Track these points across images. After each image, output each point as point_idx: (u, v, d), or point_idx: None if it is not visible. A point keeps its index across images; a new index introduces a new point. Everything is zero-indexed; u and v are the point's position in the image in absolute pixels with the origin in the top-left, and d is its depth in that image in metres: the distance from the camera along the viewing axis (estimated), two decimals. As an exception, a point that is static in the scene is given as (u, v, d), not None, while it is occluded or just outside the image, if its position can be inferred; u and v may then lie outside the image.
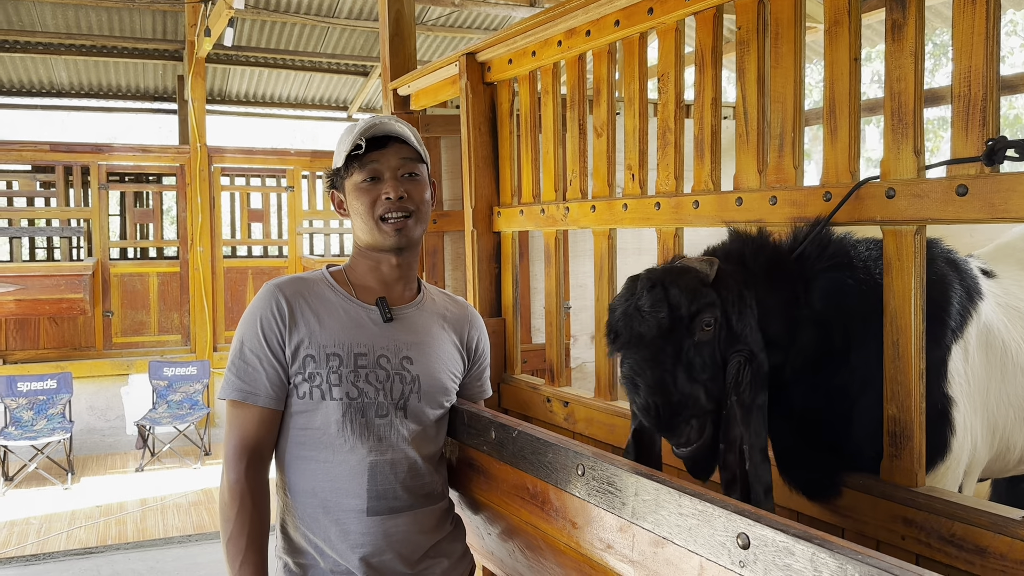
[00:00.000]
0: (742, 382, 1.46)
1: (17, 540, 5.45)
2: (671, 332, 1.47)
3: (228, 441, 1.64)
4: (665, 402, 1.46)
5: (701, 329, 1.47)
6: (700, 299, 1.47)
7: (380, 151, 1.68)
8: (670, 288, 1.48)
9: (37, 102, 9.68)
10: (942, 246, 1.80)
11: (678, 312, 1.46)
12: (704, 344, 1.47)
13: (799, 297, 1.59)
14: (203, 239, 8.37)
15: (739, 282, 1.54)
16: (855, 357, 1.64)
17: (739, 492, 1.46)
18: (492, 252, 2.87)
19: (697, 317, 1.46)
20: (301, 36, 8.94)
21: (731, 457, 1.47)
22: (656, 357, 1.46)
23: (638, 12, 2.16)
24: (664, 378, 1.45)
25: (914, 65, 1.52)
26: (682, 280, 1.50)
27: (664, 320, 1.46)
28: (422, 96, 3.29)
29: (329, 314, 1.68)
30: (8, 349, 7.76)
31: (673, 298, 1.47)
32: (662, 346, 1.46)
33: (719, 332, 1.49)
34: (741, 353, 1.47)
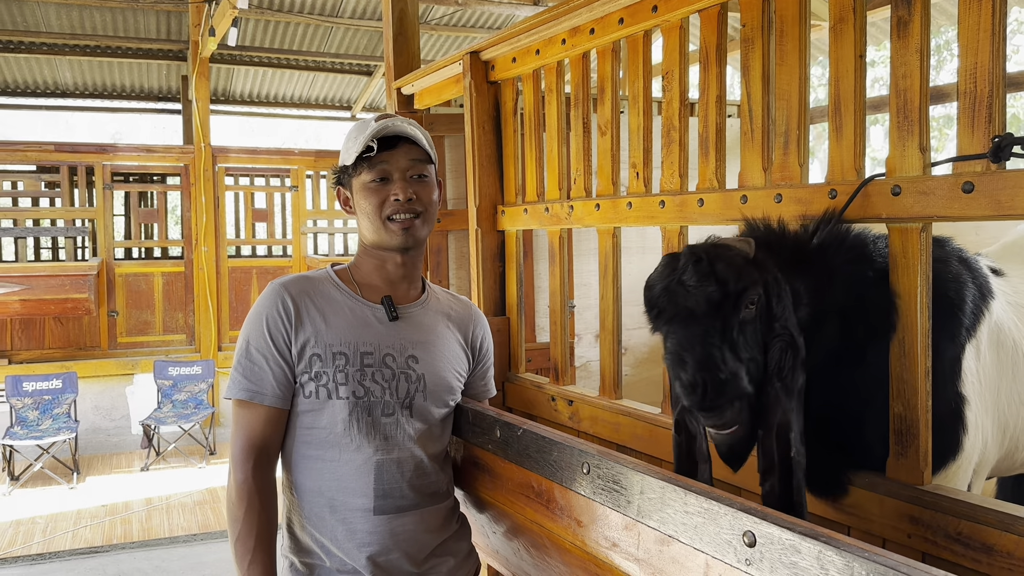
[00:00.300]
0: (785, 366, 1.42)
1: (23, 539, 5.47)
2: (719, 307, 1.41)
3: (235, 441, 1.64)
4: (713, 379, 1.40)
5: (746, 307, 1.42)
6: (746, 276, 1.43)
7: (390, 151, 1.68)
8: (716, 263, 1.43)
9: (41, 102, 9.72)
10: (954, 245, 1.79)
11: (726, 287, 1.41)
12: (747, 323, 1.43)
13: (822, 288, 1.56)
14: (207, 239, 8.39)
15: (774, 265, 1.50)
16: (872, 353, 1.61)
17: (778, 478, 1.42)
18: (496, 251, 2.87)
19: (744, 294, 1.41)
20: (305, 36, 8.95)
21: (769, 442, 1.43)
22: (706, 332, 1.41)
23: (642, 10, 2.15)
24: (713, 354, 1.40)
25: (920, 62, 1.52)
26: (727, 255, 1.46)
27: (714, 294, 1.41)
28: (426, 95, 3.29)
29: (335, 313, 1.68)
30: (13, 349, 7.78)
31: (720, 273, 1.42)
32: (711, 321, 1.41)
33: (760, 313, 1.44)
34: (783, 337, 1.43)
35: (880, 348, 1.59)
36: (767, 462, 1.45)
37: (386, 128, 1.67)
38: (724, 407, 1.42)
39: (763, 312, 1.45)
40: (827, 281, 1.57)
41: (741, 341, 1.42)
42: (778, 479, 1.43)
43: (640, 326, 3.98)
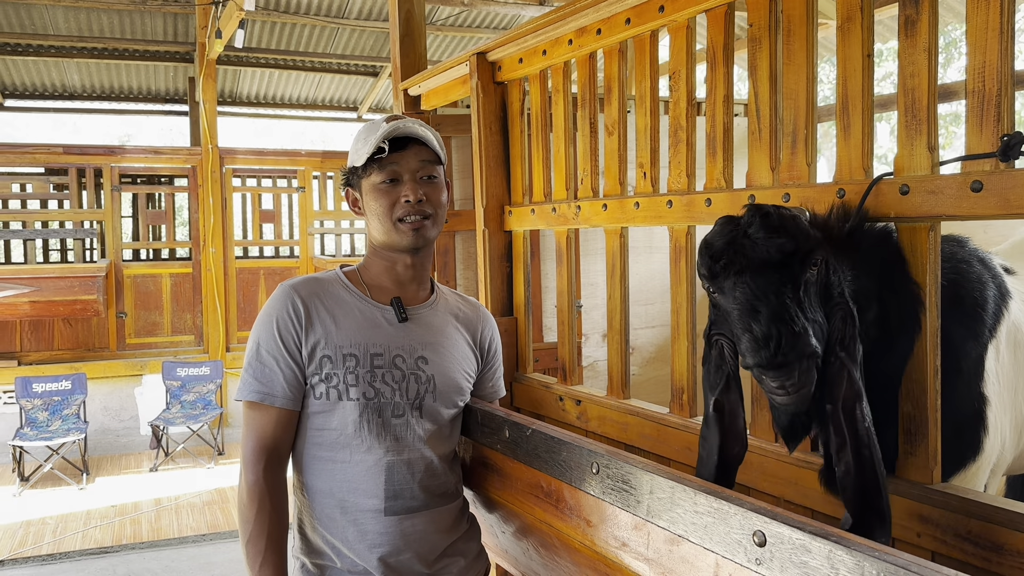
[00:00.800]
0: (847, 336, 1.39)
1: (33, 540, 5.49)
2: (790, 261, 1.38)
3: (246, 442, 1.65)
4: (788, 331, 1.34)
5: (811, 266, 1.39)
6: (811, 236, 1.40)
7: (400, 153, 1.69)
8: (786, 220, 1.41)
9: (49, 104, 9.76)
10: (972, 245, 1.79)
11: (796, 241, 1.38)
12: (811, 285, 1.39)
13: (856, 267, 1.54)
14: (215, 240, 8.41)
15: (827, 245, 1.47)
16: (900, 344, 1.58)
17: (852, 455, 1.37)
18: (503, 251, 2.88)
19: (811, 253, 1.39)
20: (311, 37, 8.97)
21: (839, 417, 1.38)
22: (780, 283, 1.36)
23: (649, 10, 2.15)
24: (788, 305, 1.35)
25: (928, 61, 1.52)
26: (791, 213, 1.43)
27: (786, 245, 1.37)
28: (433, 96, 3.29)
29: (345, 314, 1.68)
30: (23, 350, 7.82)
31: (791, 229, 1.39)
32: (784, 273, 1.37)
33: (821, 277, 1.41)
34: (842, 306, 1.40)
35: (904, 344, 1.57)
36: (839, 439, 1.38)
37: (397, 129, 1.68)
38: (794, 364, 1.35)
39: (823, 278, 1.41)
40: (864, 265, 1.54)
41: (807, 302, 1.38)
42: (852, 456, 1.37)
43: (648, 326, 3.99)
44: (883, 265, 1.57)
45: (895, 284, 1.57)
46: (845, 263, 1.51)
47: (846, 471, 1.38)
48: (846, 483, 1.38)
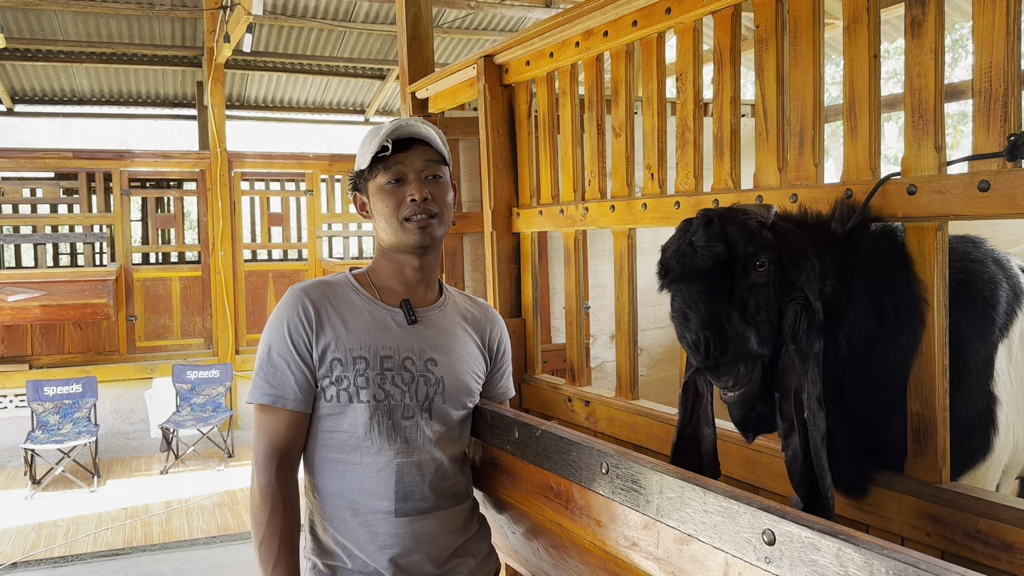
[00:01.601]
0: (799, 329, 1.43)
1: (45, 543, 5.53)
2: (726, 268, 1.43)
3: (258, 445, 1.66)
4: (717, 337, 1.42)
5: (755, 269, 1.43)
6: (756, 239, 1.45)
7: (405, 153, 1.70)
8: (727, 226, 1.45)
9: (59, 110, 9.82)
10: (988, 246, 1.79)
11: (734, 249, 1.43)
12: (758, 287, 1.44)
13: (852, 266, 1.55)
14: (224, 243, 8.45)
15: (797, 234, 1.51)
16: (902, 341, 1.59)
17: (798, 440, 1.42)
18: (511, 253, 2.89)
19: (753, 257, 1.43)
20: (319, 41, 9.01)
21: (787, 406, 1.44)
22: (709, 291, 1.43)
23: (656, 12, 2.16)
24: (717, 312, 1.42)
25: (934, 61, 1.52)
26: (739, 218, 1.48)
27: (720, 254, 1.43)
28: (440, 99, 3.31)
29: (355, 317, 1.69)
30: (34, 354, 7.87)
31: (730, 235, 1.44)
32: (716, 281, 1.43)
33: (774, 277, 1.45)
34: (797, 301, 1.44)
35: (907, 342, 1.58)
36: (786, 425, 1.45)
37: (400, 128, 1.69)
38: (729, 366, 1.44)
39: (777, 276, 1.46)
40: (854, 261, 1.56)
41: (751, 303, 1.44)
42: (799, 443, 1.42)
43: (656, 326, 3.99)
44: (883, 263, 1.58)
45: (895, 282, 1.58)
46: (832, 260, 1.53)
47: (793, 456, 1.43)
48: (793, 468, 1.44)
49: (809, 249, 1.51)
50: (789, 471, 1.45)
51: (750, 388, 1.47)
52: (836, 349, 1.54)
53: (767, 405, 1.51)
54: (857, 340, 1.55)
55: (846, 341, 1.54)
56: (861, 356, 1.56)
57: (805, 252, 1.49)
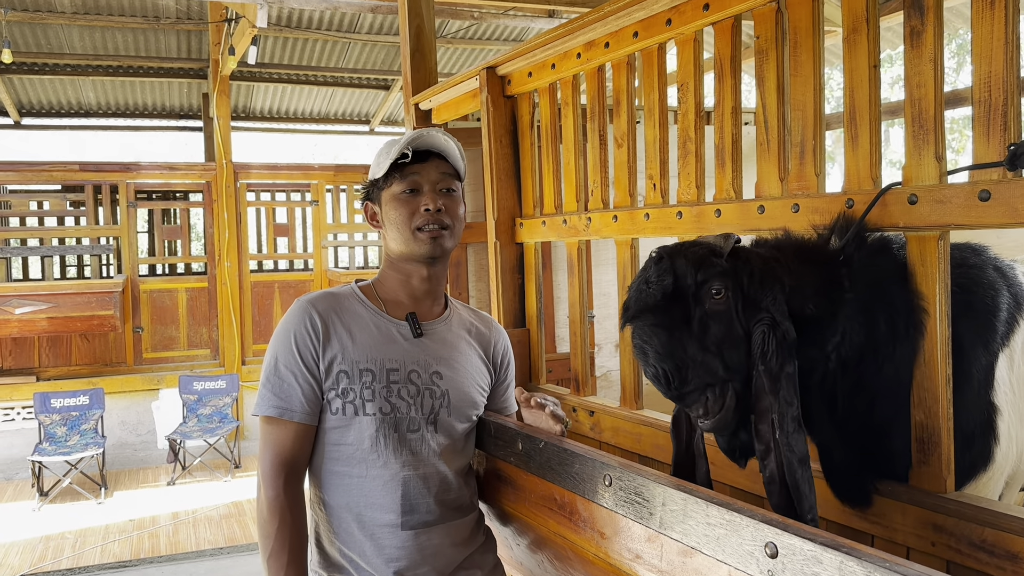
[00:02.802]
0: (768, 351, 1.45)
1: (53, 555, 5.54)
2: (677, 300, 1.48)
3: (264, 457, 1.66)
4: (673, 367, 1.47)
5: (711, 298, 1.47)
6: (707, 268, 1.49)
7: (422, 164, 1.72)
8: (676, 259, 1.51)
9: (65, 122, 9.86)
10: (990, 253, 1.79)
11: (683, 281, 1.49)
12: (718, 314, 1.48)
13: (842, 282, 1.56)
14: (230, 254, 8.48)
15: (763, 257, 1.54)
16: (897, 352, 1.60)
17: (776, 462, 1.44)
18: (515, 263, 2.89)
19: (704, 285, 1.48)
20: (323, 52, 9.04)
21: (763, 427, 1.46)
22: (662, 324, 1.48)
23: (656, 23, 2.17)
24: (671, 343, 1.47)
25: (934, 71, 1.52)
26: (689, 251, 1.53)
27: (668, 287, 1.48)
28: (443, 110, 3.32)
29: (361, 330, 1.70)
30: (41, 366, 7.89)
31: (678, 268, 1.50)
32: (669, 313, 1.48)
33: (736, 302, 1.48)
34: (763, 322, 1.47)
35: (904, 353, 1.58)
36: (763, 447, 1.47)
37: (420, 139, 1.71)
38: (694, 395, 1.49)
39: (739, 301, 1.49)
40: (848, 274, 1.56)
41: (713, 330, 1.47)
42: (775, 464, 1.44)
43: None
44: (877, 275, 1.58)
45: (890, 293, 1.58)
46: (818, 276, 1.55)
47: (771, 478, 1.45)
48: (771, 489, 1.45)
49: (779, 270, 1.53)
50: (768, 492, 1.47)
51: (724, 415, 1.50)
52: (825, 363, 1.54)
53: (749, 432, 1.53)
54: (848, 353, 1.56)
55: (836, 355, 1.55)
56: (853, 369, 1.57)
57: (771, 274, 1.52)
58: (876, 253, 1.61)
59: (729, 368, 1.48)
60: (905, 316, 1.57)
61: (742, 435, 1.53)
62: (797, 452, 1.43)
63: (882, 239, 1.63)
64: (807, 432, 1.70)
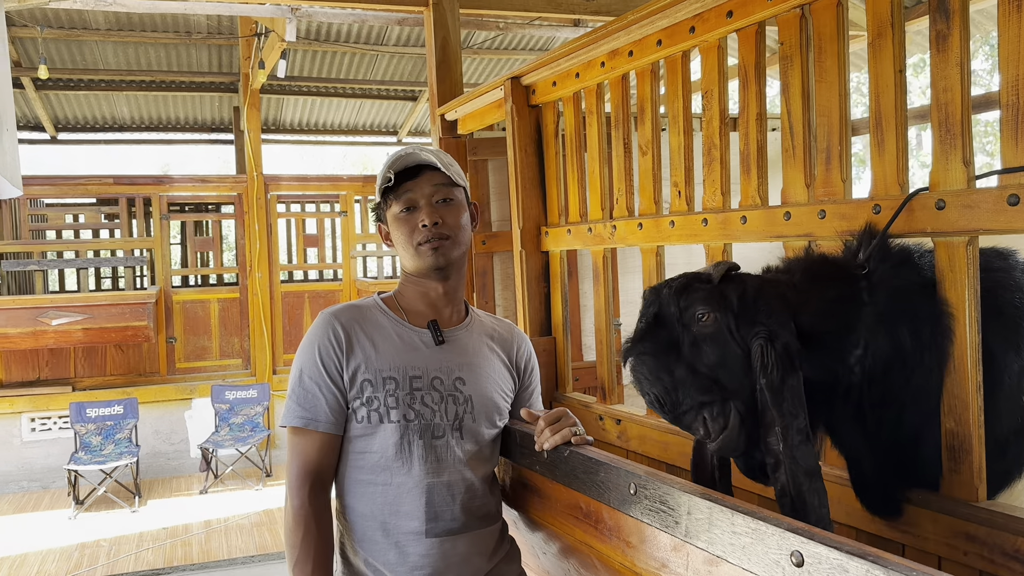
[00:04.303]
0: (768, 364, 1.46)
1: (88, 562, 5.62)
2: (662, 327, 1.53)
3: (291, 467, 1.68)
4: (663, 390, 1.51)
5: (697, 322, 1.50)
6: (690, 294, 1.53)
7: (413, 180, 1.74)
8: (660, 290, 1.57)
9: (100, 137, 10.05)
10: (1018, 257, 1.76)
11: (666, 308, 1.54)
12: (709, 336, 1.50)
13: (861, 296, 1.55)
14: (261, 265, 8.57)
15: (761, 278, 1.57)
16: (925, 361, 1.59)
17: (785, 474, 1.44)
18: (540, 271, 2.90)
19: (688, 310, 1.51)
20: (351, 64, 9.13)
21: (771, 440, 1.46)
22: (649, 351, 1.53)
23: (680, 31, 2.17)
24: (658, 368, 1.51)
25: (960, 76, 1.51)
26: (675, 281, 1.58)
27: (651, 316, 1.55)
28: (469, 120, 3.34)
29: (383, 339, 1.72)
30: (77, 376, 8.03)
31: (662, 298, 1.55)
32: (655, 341, 1.53)
33: (728, 322, 1.50)
34: (760, 336, 1.48)
35: (932, 361, 1.56)
36: (772, 459, 1.47)
37: (402, 159, 1.73)
38: (690, 415, 1.51)
39: (732, 321, 1.50)
40: (869, 289, 1.55)
41: (705, 352, 1.50)
42: (785, 475, 1.44)
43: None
44: (900, 284, 1.57)
45: (914, 302, 1.56)
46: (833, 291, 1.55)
47: (782, 491, 1.45)
48: (783, 502, 1.45)
49: (780, 288, 1.55)
50: (779, 505, 1.46)
51: (729, 434, 1.50)
52: (848, 376, 1.53)
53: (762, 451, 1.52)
54: (873, 365, 1.54)
55: (859, 368, 1.53)
56: (880, 380, 1.55)
57: (768, 291, 1.54)
58: (898, 264, 1.59)
59: (725, 387, 1.50)
60: (930, 325, 1.55)
61: (757, 454, 1.52)
62: (803, 464, 1.43)
63: (903, 249, 1.62)
64: (836, 444, 1.70)
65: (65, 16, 7.53)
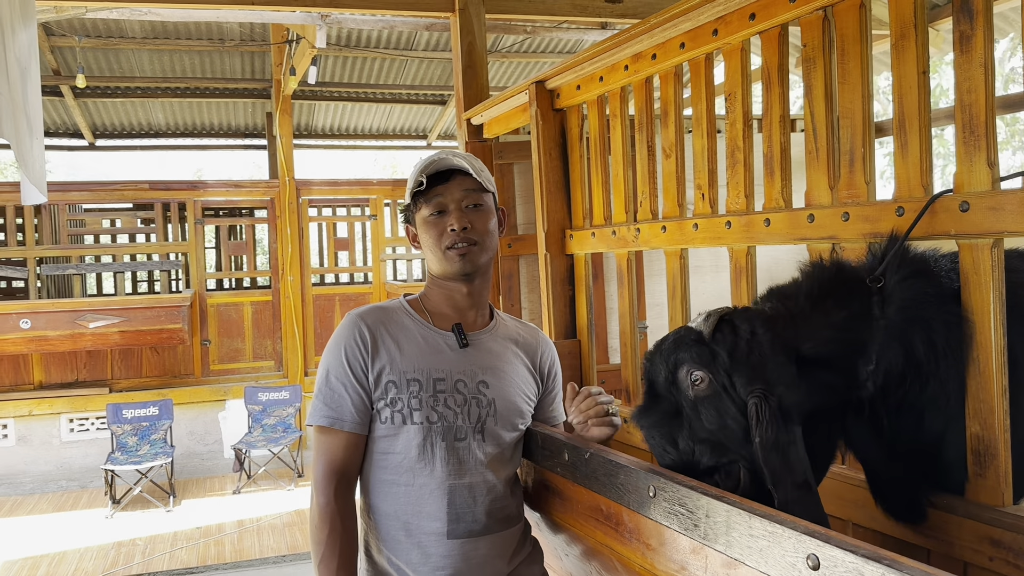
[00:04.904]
0: (762, 422, 1.45)
1: (124, 560, 5.72)
2: (659, 399, 1.56)
3: (317, 466, 1.71)
4: (673, 462, 1.54)
5: (694, 386, 1.50)
6: (680, 357, 1.53)
7: (444, 185, 1.75)
8: (653, 359, 1.58)
9: (136, 143, 10.25)
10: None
11: (657, 378, 1.56)
12: (705, 400, 1.50)
13: (872, 310, 1.55)
14: (293, 268, 8.67)
15: (749, 325, 1.53)
16: (941, 369, 1.58)
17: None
18: (565, 275, 2.91)
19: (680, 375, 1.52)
20: (381, 70, 9.21)
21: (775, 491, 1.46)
22: (655, 422, 1.57)
23: (703, 34, 2.17)
24: (664, 442, 1.55)
25: (984, 76, 1.50)
26: (663, 347, 1.58)
27: (649, 383, 1.58)
28: (495, 124, 3.36)
29: (408, 341, 1.74)
30: (114, 378, 8.19)
31: (653, 369, 1.57)
32: (658, 410, 1.57)
33: (723, 382, 1.49)
34: (754, 394, 1.47)
35: (949, 368, 1.55)
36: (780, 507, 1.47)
37: (435, 163, 1.75)
38: (704, 479, 1.50)
39: (726, 379, 1.49)
40: (881, 302, 1.54)
41: (704, 416, 1.50)
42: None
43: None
44: (914, 296, 1.55)
45: (926, 313, 1.55)
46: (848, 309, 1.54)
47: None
48: None
49: (777, 326, 1.53)
50: None
51: (743, 490, 1.50)
52: (859, 391, 1.53)
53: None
54: (885, 378, 1.53)
55: (871, 382, 1.52)
56: (895, 390, 1.54)
57: (758, 338, 1.51)
58: (913, 274, 1.58)
59: (730, 449, 1.50)
60: (946, 333, 1.54)
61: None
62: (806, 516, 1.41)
63: (919, 258, 1.61)
64: (854, 452, 1.69)
65: (103, 26, 7.69)
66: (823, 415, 1.56)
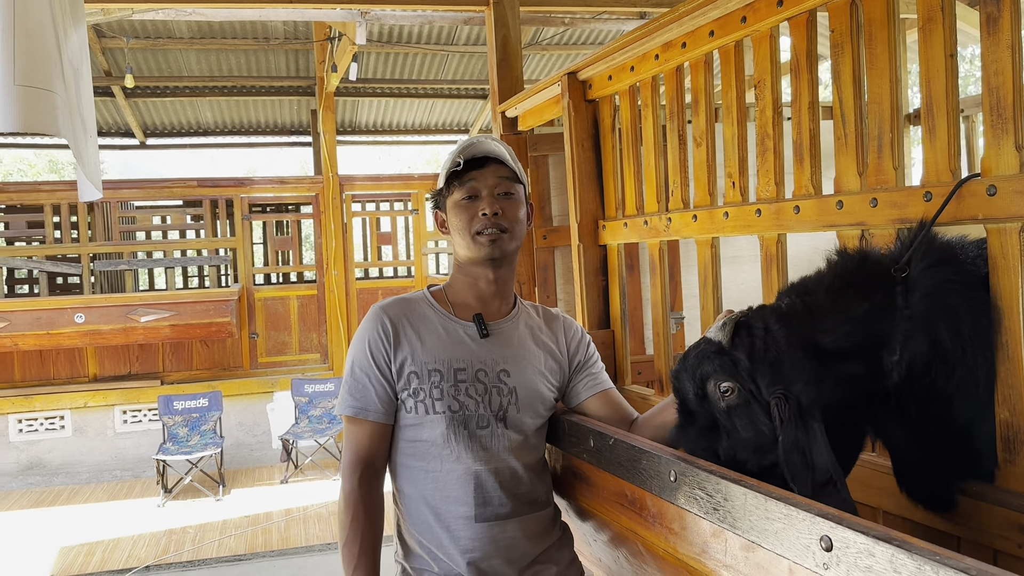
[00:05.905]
0: (784, 422, 1.45)
1: (175, 547, 5.89)
2: (694, 416, 1.56)
3: (344, 454, 1.77)
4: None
5: (723, 397, 1.50)
6: (704, 371, 1.53)
7: (479, 170, 1.78)
8: (680, 376, 1.58)
9: (185, 141, 10.50)
10: None
11: (688, 396, 1.56)
12: (738, 407, 1.49)
13: (895, 300, 1.54)
14: (337, 263, 8.81)
15: (763, 324, 1.52)
16: (968, 356, 1.57)
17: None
18: (599, 265, 2.92)
19: (708, 390, 1.52)
20: (422, 65, 9.29)
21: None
22: (694, 441, 1.56)
23: (731, 21, 2.17)
24: (707, 458, 1.53)
25: (1012, 58, 1.47)
26: (687, 363, 1.58)
27: (680, 410, 1.59)
28: (529, 117, 3.38)
29: (430, 332, 1.78)
30: (165, 371, 8.42)
31: (682, 386, 1.57)
32: (695, 430, 1.56)
33: (749, 388, 1.49)
34: (775, 395, 1.47)
35: (977, 354, 1.53)
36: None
37: (473, 147, 1.77)
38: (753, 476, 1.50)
39: (751, 385, 1.49)
40: (904, 292, 1.53)
41: (739, 425, 1.50)
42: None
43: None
44: (938, 284, 1.53)
45: (951, 304, 1.53)
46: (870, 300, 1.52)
47: None
48: None
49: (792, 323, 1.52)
50: None
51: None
52: (884, 380, 1.52)
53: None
54: (909, 367, 1.52)
55: (896, 372, 1.51)
56: (919, 379, 1.53)
57: (774, 338, 1.50)
58: (938, 262, 1.56)
59: (769, 452, 1.48)
60: (971, 319, 1.52)
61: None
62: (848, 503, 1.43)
63: (945, 245, 1.59)
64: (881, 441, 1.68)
65: (151, 27, 7.89)
66: (850, 406, 1.56)
